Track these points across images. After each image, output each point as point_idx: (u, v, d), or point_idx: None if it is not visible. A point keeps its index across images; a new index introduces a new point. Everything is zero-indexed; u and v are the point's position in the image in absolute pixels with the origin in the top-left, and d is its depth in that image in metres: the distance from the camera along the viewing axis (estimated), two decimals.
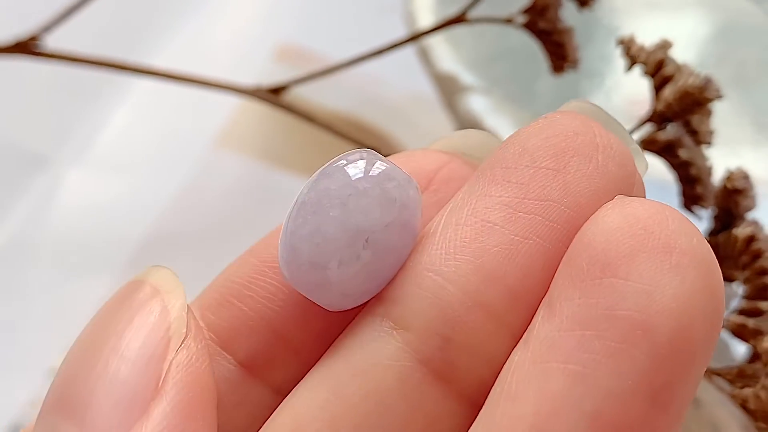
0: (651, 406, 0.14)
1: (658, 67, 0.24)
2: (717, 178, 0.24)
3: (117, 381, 0.16)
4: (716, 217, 0.24)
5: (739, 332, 0.22)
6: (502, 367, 0.15)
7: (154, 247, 0.41)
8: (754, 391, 0.21)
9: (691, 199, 0.24)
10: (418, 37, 0.30)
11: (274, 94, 0.30)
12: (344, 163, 0.16)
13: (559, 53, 0.27)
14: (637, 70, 0.24)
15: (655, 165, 0.22)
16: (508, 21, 0.27)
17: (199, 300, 0.18)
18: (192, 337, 0.16)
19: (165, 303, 0.17)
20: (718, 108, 0.24)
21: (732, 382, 0.22)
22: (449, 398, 0.16)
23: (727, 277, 0.23)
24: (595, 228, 0.15)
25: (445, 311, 0.16)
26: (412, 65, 0.37)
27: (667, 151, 0.24)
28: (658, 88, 0.24)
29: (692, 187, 0.24)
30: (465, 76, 0.34)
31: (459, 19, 0.28)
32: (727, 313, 0.22)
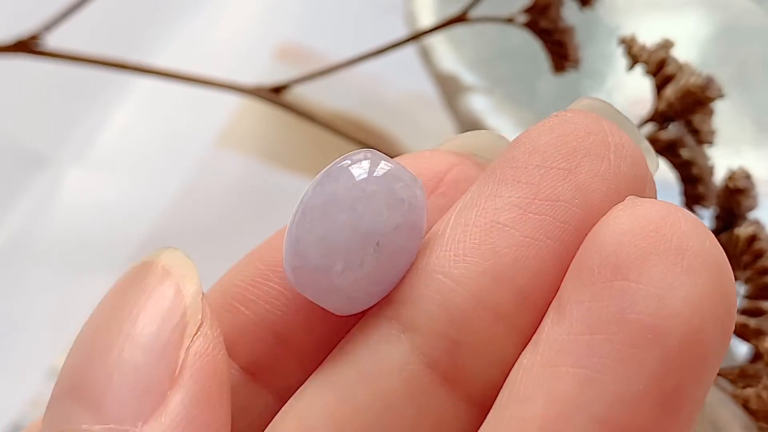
0: (661, 411, 0.14)
1: (659, 67, 0.24)
2: (719, 178, 0.24)
3: (132, 368, 0.16)
4: (718, 217, 0.24)
5: (741, 332, 0.22)
6: (510, 369, 0.15)
7: (155, 247, 0.41)
8: (756, 391, 0.21)
9: (692, 199, 0.24)
10: (418, 36, 0.30)
11: (275, 94, 0.30)
12: (348, 163, 0.16)
13: (561, 53, 0.27)
14: (639, 69, 0.24)
15: None
16: (509, 20, 0.27)
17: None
18: (208, 324, 0.16)
19: (179, 287, 0.16)
20: (719, 107, 0.24)
21: (734, 382, 0.22)
22: (457, 401, 0.15)
23: None
24: (606, 229, 0.15)
25: (453, 314, 0.15)
26: (413, 65, 0.37)
27: (668, 151, 0.24)
28: (659, 88, 0.24)
29: (694, 187, 0.24)
30: (466, 76, 0.34)
31: (460, 19, 0.28)
32: None
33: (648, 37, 0.24)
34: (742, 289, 0.23)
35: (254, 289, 0.17)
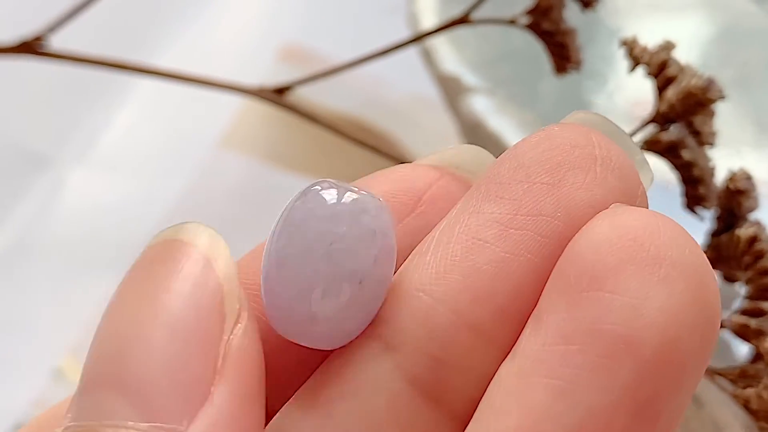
0: (635, 421, 0.14)
1: (661, 68, 0.24)
2: (720, 179, 0.24)
3: (173, 360, 0.15)
4: (719, 218, 0.24)
5: (742, 332, 0.22)
6: None
7: None
8: (757, 391, 0.21)
9: (693, 200, 0.24)
10: (421, 38, 0.30)
11: (278, 95, 0.30)
12: (312, 206, 0.16)
13: (562, 54, 0.27)
14: (640, 71, 0.24)
15: (657, 166, 0.22)
16: (512, 22, 0.27)
17: None
18: (245, 315, 0.15)
19: (216, 272, 0.15)
20: (721, 109, 0.24)
21: (734, 382, 0.22)
22: (440, 418, 0.15)
23: (729, 278, 0.24)
24: (584, 239, 0.15)
25: (434, 332, 0.15)
26: (416, 66, 0.37)
27: (669, 152, 0.24)
28: (661, 89, 0.24)
29: (695, 188, 0.24)
30: (468, 77, 0.34)
31: (462, 20, 0.28)
32: (730, 314, 0.22)
33: (649, 38, 0.24)
34: (742, 289, 0.23)
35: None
